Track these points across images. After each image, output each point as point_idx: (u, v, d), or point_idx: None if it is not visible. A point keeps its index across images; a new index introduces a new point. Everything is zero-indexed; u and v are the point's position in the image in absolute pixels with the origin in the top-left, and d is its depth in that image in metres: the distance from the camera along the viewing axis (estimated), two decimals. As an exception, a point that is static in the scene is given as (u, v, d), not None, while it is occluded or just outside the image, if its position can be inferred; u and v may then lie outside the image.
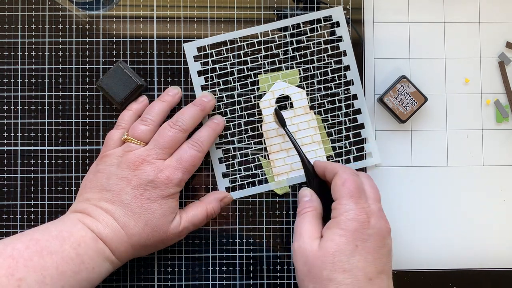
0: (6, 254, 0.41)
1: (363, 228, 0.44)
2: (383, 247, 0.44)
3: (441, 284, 0.54)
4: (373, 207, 0.45)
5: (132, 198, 0.46)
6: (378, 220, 0.45)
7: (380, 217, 0.45)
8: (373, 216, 0.45)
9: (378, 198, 0.47)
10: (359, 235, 0.43)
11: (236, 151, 0.54)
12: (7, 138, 0.53)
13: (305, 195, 0.49)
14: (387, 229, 0.45)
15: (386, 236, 0.45)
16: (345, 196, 0.45)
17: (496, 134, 0.55)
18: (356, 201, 0.45)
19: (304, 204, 0.48)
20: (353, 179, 0.46)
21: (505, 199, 0.54)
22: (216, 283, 0.53)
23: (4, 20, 0.53)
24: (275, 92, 0.54)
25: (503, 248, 0.54)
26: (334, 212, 0.45)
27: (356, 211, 0.44)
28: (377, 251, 0.44)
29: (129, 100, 0.52)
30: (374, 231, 0.44)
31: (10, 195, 0.52)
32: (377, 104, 0.54)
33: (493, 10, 0.55)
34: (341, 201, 0.45)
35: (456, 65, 0.55)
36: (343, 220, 0.44)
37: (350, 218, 0.44)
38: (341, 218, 0.44)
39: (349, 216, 0.44)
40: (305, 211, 0.47)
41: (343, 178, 0.46)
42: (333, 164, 0.49)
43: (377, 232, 0.44)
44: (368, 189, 0.47)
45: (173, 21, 0.54)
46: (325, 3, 0.54)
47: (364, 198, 0.46)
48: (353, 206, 0.44)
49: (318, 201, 0.49)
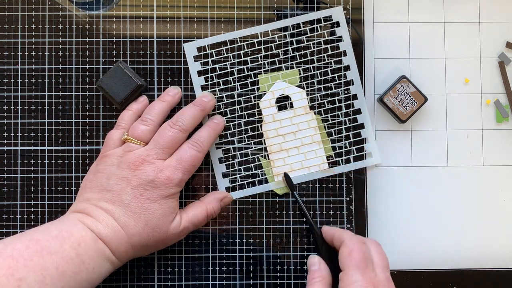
0: (6, 254, 0.41)
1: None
2: None
3: (441, 284, 0.54)
4: (380, 277, 0.45)
5: (132, 198, 0.46)
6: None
7: (387, 287, 0.44)
8: (380, 286, 0.44)
9: (386, 265, 0.46)
10: None
11: (236, 151, 0.54)
12: (7, 138, 0.53)
13: (314, 263, 0.48)
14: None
15: None
16: (351, 266, 0.44)
17: (496, 134, 0.55)
18: (362, 272, 0.44)
19: (313, 274, 0.47)
20: (360, 249, 0.45)
21: (505, 199, 0.54)
22: (216, 283, 0.53)
23: (4, 20, 0.53)
24: (275, 92, 0.54)
25: (503, 248, 0.54)
26: (341, 283, 0.44)
27: (363, 283, 0.43)
28: None
29: (129, 100, 0.52)
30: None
31: (10, 195, 0.52)
32: (377, 104, 0.54)
33: (493, 10, 0.55)
34: (348, 272, 0.44)
35: (456, 65, 0.55)
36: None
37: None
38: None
39: (355, 287, 0.43)
40: (314, 281, 0.47)
41: (349, 248, 0.45)
42: (341, 232, 0.48)
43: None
44: (375, 256, 0.46)
45: (173, 21, 0.54)
46: (325, 3, 0.54)
47: (371, 267, 0.45)
48: (359, 278, 0.43)
49: (327, 269, 0.48)
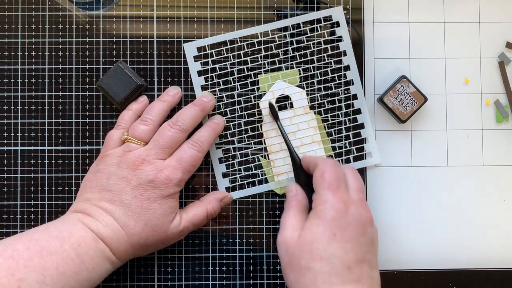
0: (7, 254, 0.41)
1: (341, 217, 0.44)
2: (363, 236, 0.44)
3: (441, 284, 0.54)
4: (353, 197, 0.45)
5: (132, 198, 0.46)
6: (358, 209, 0.45)
7: (360, 206, 0.45)
8: (352, 205, 0.44)
9: (360, 188, 0.47)
10: (337, 223, 0.43)
11: (236, 151, 0.54)
12: (7, 138, 0.53)
13: (291, 190, 0.49)
14: (368, 218, 0.45)
15: (366, 225, 0.45)
16: (323, 187, 0.45)
17: (496, 134, 0.55)
18: (334, 191, 0.45)
19: (290, 199, 0.48)
20: (332, 169, 0.46)
21: (505, 199, 0.54)
22: (216, 283, 0.53)
23: (4, 20, 0.53)
24: (275, 92, 0.54)
25: (503, 248, 0.54)
26: (313, 203, 0.45)
27: (334, 201, 0.44)
28: (357, 239, 0.44)
29: (129, 100, 0.52)
30: (353, 219, 0.44)
31: (10, 195, 0.52)
32: (377, 104, 0.54)
33: (493, 10, 0.55)
34: (320, 191, 0.45)
35: (456, 65, 0.55)
36: (320, 210, 0.44)
37: (327, 207, 0.44)
38: (319, 208, 0.44)
39: (326, 205, 0.44)
40: (290, 205, 0.48)
41: (322, 169, 0.46)
42: (316, 158, 0.49)
43: (356, 221, 0.44)
44: (350, 180, 0.47)
45: (173, 21, 0.54)
46: (325, 3, 0.54)
47: (344, 188, 0.45)
48: (331, 196, 0.44)
49: (303, 194, 0.48)
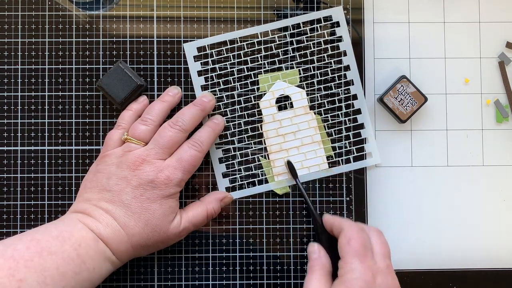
0: (7, 255, 0.41)
1: (368, 287, 0.42)
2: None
3: (441, 284, 0.54)
4: (380, 265, 0.44)
5: (132, 198, 0.46)
6: (385, 278, 0.44)
7: (387, 274, 0.44)
8: (379, 275, 0.44)
9: (387, 254, 0.46)
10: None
11: (236, 151, 0.54)
12: (7, 138, 0.53)
13: (314, 251, 0.48)
14: (395, 287, 0.44)
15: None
16: (350, 254, 0.44)
17: (496, 134, 0.55)
18: (361, 259, 0.43)
19: (313, 262, 0.47)
20: (359, 237, 0.45)
21: (505, 199, 0.54)
22: (216, 283, 0.53)
23: (4, 20, 0.53)
24: (275, 92, 0.54)
25: (503, 248, 0.54)
26: (340, 271, 0.44)
27: (362, 270, 0.43)
28: None
29: (129, 100, 0.52)
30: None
31: (10, 195, 0.52)
32: (377, 104, 0.54)
33: (493, 10, 0.55)
34: (347, 260, 0.44)
35: (456, 65, 0.55)
36: (348, 279, 0.43)
37: (355, 277, 0.43)
38: (347, 277, 0.43)
39: (354, 275, 0.43)
40: (313, 269, 0.46)
41: (348, 236, 0.45)
42: (340, 220, 0.47)
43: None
44: (376, 244, 0.46)
45: (173, 21, 0.54)
46: (325, 3, 0.54)
47: (371, 255, 0.44)
48: (358, 265, 0.43)
49: (327, 257, 0.47)
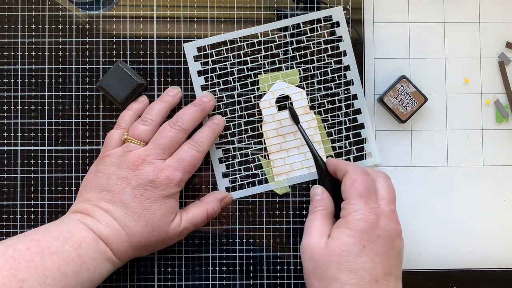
0: (8, 255, 0.41)
1: (371, 228, 0.43)
2: (392, 249, 0.44)
3: (441, 284, 0.54)
4: (384, 208, 0.45)
5: (132, 198, 0.46)
6: (388, 221, 0.44)
7: (390, 218, 0.44)
8: (383, 217, 0.44)
9: (392, 198, 0.46)
10: (367, 235, 0.43)
11: (236, 151, 0.54)
12: (7, 138, 0.53)
13: (317, 193, 0.48)
14: (397, 231, 0.45)
15: (395, 238, 0.44)
16: (354, 196, 0.44)
17: (496, 134, 0.55)
18: (365, 201, 0.44)
19: (316, 203, 0.48)
20: (363, 179, 0.45)
21: (505, 199, 0.54)
22: (216, 283, 0.53)
23: (4, 20, 0.53)
24: (275, 92, 0.54)
25: (503, 248, 0.54)
26: (343, 212, 0.45)
27: (365, 211, 0.43)
28: (386, 253, 0.43)
29: (130, 99, 0.52)
30: (383, 232, 0.43)
31: (10, 195, 0.52)
32: (377, 104, 0.54)
33: (493, 10, 0.55)
34: (350, 201, 0.44)
35: (456, 65, 0.55)
36: (351, 220, 0.44)
37: (359, 218, 0.43)
38: (350, 218, 0.44)
39: (357, 216, 0.43)
40: (316, 210, 0.47)
41: (352, 177, 0.45)
42: (345, 163, 0.48)
43: (386, 234, 0.44)
44: (382, 189, 0.46)
45: (173, 21, 0.54)
46: (325, 3, 0.54)
47: (375, 198, 0.45)
48: (362, 206, 0.44)
49: (330, 199, 0.48)
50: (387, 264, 0.43)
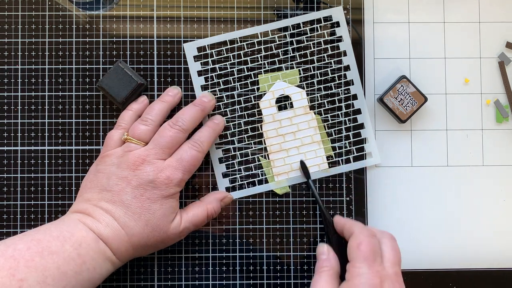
0: (8, 254, 0.41)
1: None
2: None
3: (441, 284, 0.54)
4: (388, 271, 0.44)
5: (132, 198, 0.46)
6: (392, 284, 0.43)
7: (395, 282, 0.44)
8: (387, 280, 0.43)
9: (397, 261, 0.45)
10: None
11: (236, 151, 0.54)
12: (7, 138, 0.53)
13: (323, 252, 0.48)
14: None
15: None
16: (359, 259, 0.44)
17: (496, 134, 0.55)
18: (370, 264, 0.43)
19: (322, 263, 0.47)
20: (369, 241, 0.45)
21: (505, 199, 0.54)
22: (216, 283, 0.53)
23: (4, 20, 0.53)
24: (275, 92, 0.54)
25: (503, 248, 0.54)
26: (348, 275, 0.44)
27: (369, 275, 0.43)
28: None
29: (130, 99, 0.52)
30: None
31: (10, 195, 0.52)
32: (377, 104, 0.54)
33: (493, 10, 0.55)
34: (355, 264, 0.44)
35: (456, 65, 0.55)
36: (355, 284, 0.43)
37: (362, 282, 0.43)
38: (354, 281, 0.43)
39: (361, 280, 0.43)
40: (322, 270, 0.46)
41: (358, 240, 0.45)
42: (351, 223, 0.47)
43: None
44: (387, 250, 0.45)
45: (173, 21, 0.54)
46: (325, 3, 0.54)
47: (379, 261, 0.44)
48: (366, 270, 0.43)
49: (336, 259, 0.47)
50: None
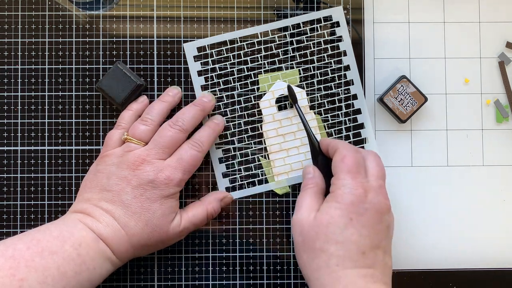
0: (8, 254, 0.41)
1: (359, 202, 0.44)
2: (380, 223, 0.44)
3: (441, 284, 0.54)
4: (372, 183, 0.45)
5: (132, 198, 0.46)
6: (376, 195, 0.45)
7: (379, 193, 0.45)
8: (371, 191, 0.45)
9: (381, 175, 0.46)
10: (355, 208, 0.43)
11: (236, 151, 0.54)
12: (7, 138, 0.53)
13: (309, 172, 0.49)
14: (386, 206, 0.45)
15: (384, 212, 0.45)
16: (343, 171, 0.45)
17: (496, 134, 0.55)
18: (353, 176, 0.45)
19: (307, 181, 0.48)
20: (353, 155, 0.46)
21: (505, 199, 0.54)
22: (216, 283, 0.53)
23: (4, 20, 0.53)
24: (275, 92, 0.54)
25: (503, 248, 0.54)
26: (332, 187, 0.46)
27: (353, 185, 0.44)
28: (373, 226, 0.44)
29: (129, 100, 0.52)
30: (371, 206, 0.44)
31: (10, 195, 0.52)
32: (377, 104, 0.54)
33: (493, 10, 0.55)
34: (339, 176, 0.45)
35: (456, 65, 0.55)
36: (339, 194, 0.44)
37: (346, 192, 0.44)
38: (338, 192, 0.44)
39: (345, 190, 0.44)
40: (307, 187, 0.48)
41: (342, 154, 0.46)
42: (336, 141, 0.49)
43: (374, 207, 0.44)
44: (371, 165, 0.46)
45: (173, 21, 0.54)
46: (325, 3, 0.54)
47: (363, 174, 0.45)
48: (350, 181, 0.44)
49: (321, 177, 0.49)
50: (375, 237, 0.44)
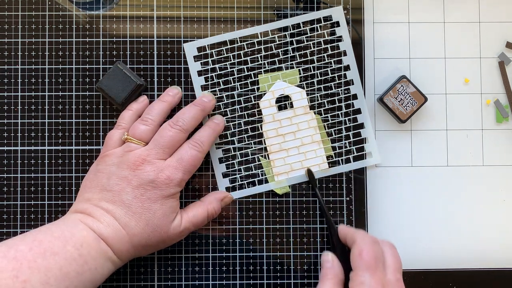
0: (10, 256, 0.41)
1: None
2: None
3: (441, 284, 0.54)
4: (390, 278, 0.45)
5: (133, 198, 0.46)
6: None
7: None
8: (389, 287, 0.44)
9: (398, 268, 0.46)
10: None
11: (236, 151, 0.54)
12: (7, 138, 0.53)
13: (327, 260, 0.48)
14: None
15: None
16: (361, 267, 0.44)
17: (496, 134, 0.55)
18: (372, 272, 0.44)
19: (326, 271, 0.47)
20: (371, 249, 0.45)
21: (505, 199, 0.54)
22: (216, 283, 0.53)
23: (4, 20, 0.53)
24: (275, 92, 0.54)
25: (503, 248, 0.54)
26: (351, 283, 0.44)
27: (372, 283, 0.43)
28: None
29: (129, 100, 0.52)
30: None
31: (10, 195, 0.52)
32: (377, 104, 0.54)
33: (493, 10, 0.55)
34: (357, 272, 0.44)
35: (456, 65, 0.55)
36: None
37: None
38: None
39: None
40: (326, 278, 0.47)
41: (360, 247, 0.45)
42: (354, 232, 0.48)
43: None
44: (389, 258, 0.46)
45: (173, 21, 0.54)
46: (325, 3, 0.54)
47: (382, 268, 0.45)
48: (368, 278, 0.43)
49: (340, 267, 0.48)
50: None
